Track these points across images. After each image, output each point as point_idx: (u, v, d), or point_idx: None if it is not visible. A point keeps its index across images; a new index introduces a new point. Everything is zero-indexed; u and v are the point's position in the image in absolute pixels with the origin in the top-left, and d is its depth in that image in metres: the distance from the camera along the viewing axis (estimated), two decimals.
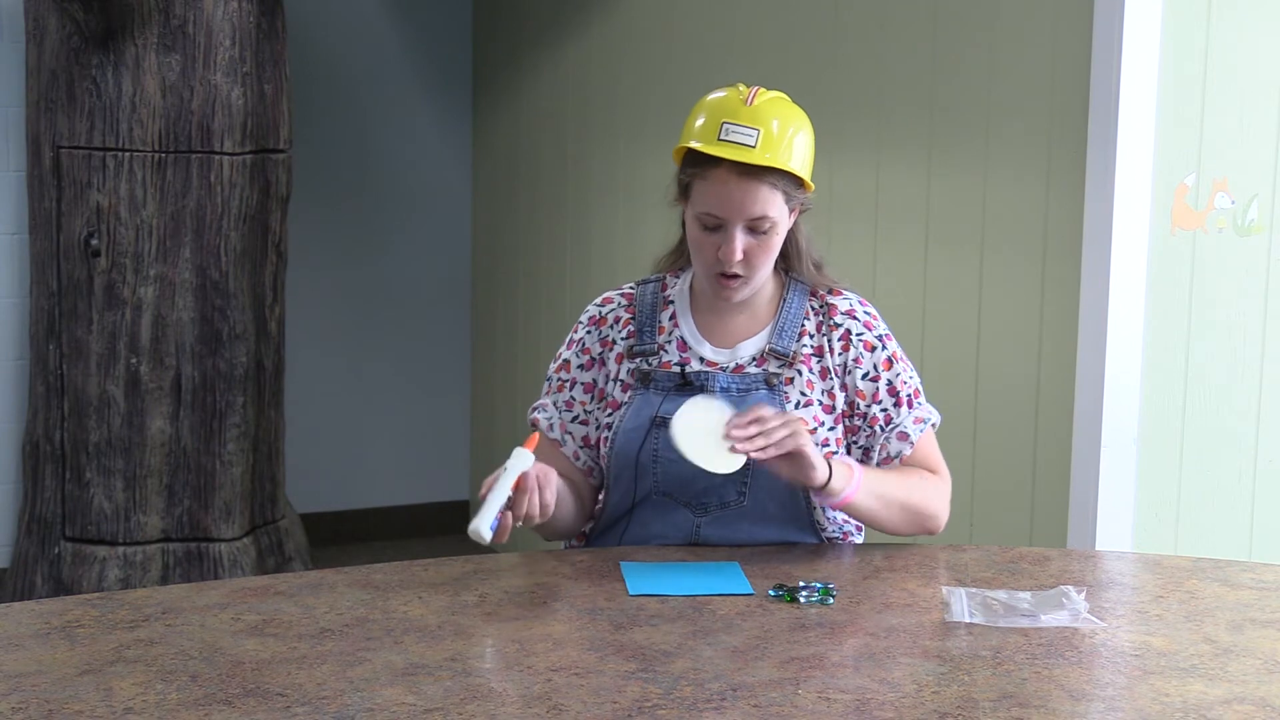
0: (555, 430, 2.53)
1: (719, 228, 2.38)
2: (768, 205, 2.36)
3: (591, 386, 2.53)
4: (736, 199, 2.35)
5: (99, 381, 4.40)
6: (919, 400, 2.50)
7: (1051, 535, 3.19)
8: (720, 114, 2.37)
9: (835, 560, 2.40)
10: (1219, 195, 3.11)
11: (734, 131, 2.34)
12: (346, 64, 5.61)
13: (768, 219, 2.37)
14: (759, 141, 2.34)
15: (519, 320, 5.50)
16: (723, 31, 4.24)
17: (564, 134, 5.15)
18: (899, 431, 2.47)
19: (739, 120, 2.35)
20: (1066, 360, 3.16)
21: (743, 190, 2.35)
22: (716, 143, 2.35)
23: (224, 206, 4.39)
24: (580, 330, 2.56)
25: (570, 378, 2.55)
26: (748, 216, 2.36)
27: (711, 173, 2.36)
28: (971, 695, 1.84)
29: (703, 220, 2.38)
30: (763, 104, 2.39)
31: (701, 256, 2.42)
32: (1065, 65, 3.14)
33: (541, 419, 2.54)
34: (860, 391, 2.47)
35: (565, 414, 2.53)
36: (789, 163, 2.37)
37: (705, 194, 2.37)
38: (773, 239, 2.40)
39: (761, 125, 2.35)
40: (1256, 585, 2.29)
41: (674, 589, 2.21)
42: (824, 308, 2.50)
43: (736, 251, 2.37)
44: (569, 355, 2.56)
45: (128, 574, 4.43)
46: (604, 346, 2.53)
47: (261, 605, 2.13)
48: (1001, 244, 3.32)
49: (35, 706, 1.76)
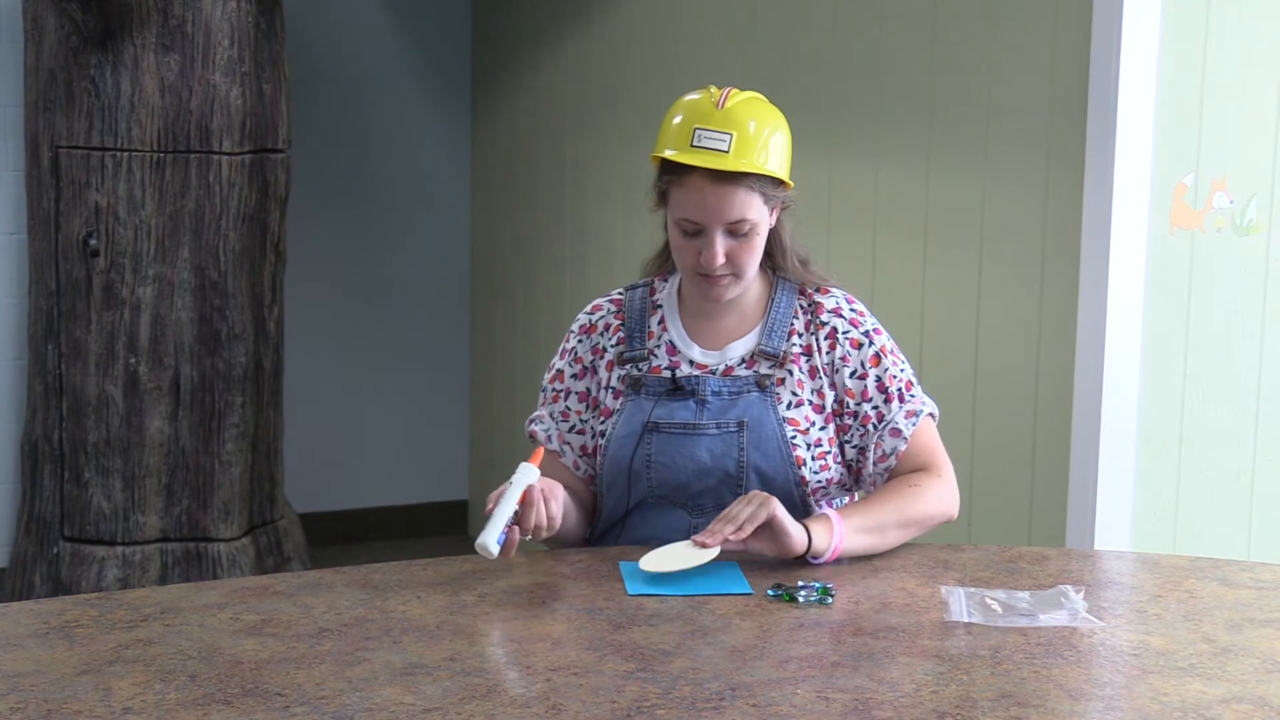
0: (553, 441, 2.53)
1: (699, 233, 2.37)
2: (745, 208, 2.35)
3: (586, 395, 2.53)
4: (713, 205, 2.34)
5: (98, 381, 4.40)
6: (910, 394, 2.47)
7: (1050, 535, 3.19)
8: (692, 119, 2.35)
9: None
10: (1217, 195, 3.11)
11: (706, 137, 2.32)
12: (346, 64, 5.61)
13: (746, 222, 2.36)
14: (732, 146, 2.32)
15: (518, 320, 5.50)
16: (722, 32, 4.24)
17: (563, 134, 5.15)
18: (891, 428, 2.45)
19: (711, 125, 2.33)
20: (1065, 360, 3.16)
21: (718, 196, 2.34)
22: (689, 150, 2.33)
23: (223, 206, 4.39)
24: (572, 339, 2.56)
25: (565, 388, 2.54)
26: (725, 221, 2.35)
27: (687, 180, 2.35)
28: (970, 695, 1.84)
29: (682, 226, 2.38)
30: (735, 106, 2.36)
31: (684, 261, 2.41)
32: (1064, 65, 3.14)
33: (539, 431, 2.54)
34: (849, 390, 2.46)
35: (562, 424, 2.53)
36: (765, 165, 2.35)
37: (682, 201, 2.36)
38: (754, 240, 2.39)
39: (735, 129, 2.33)
40: (1255, 585, 2.29)
41: (673, 589, 2.21)
42: (811, 306, 2.49)
43: (718, 256, 2.36)
44: (562, 365, 2.55)
45: (126, 574, 4.42)
46: (595, 354, 2.52)
47: (260, 605, 2.13)
48: (1000, 244, 3.32)
49: (34, 706, 1.76)
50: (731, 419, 2.42)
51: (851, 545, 2.34)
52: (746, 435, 2.41)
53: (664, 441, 2.43)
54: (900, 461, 2.46)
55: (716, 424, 2.42)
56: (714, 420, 2.42)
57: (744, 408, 2.42)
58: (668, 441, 2.43)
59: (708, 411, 2.43)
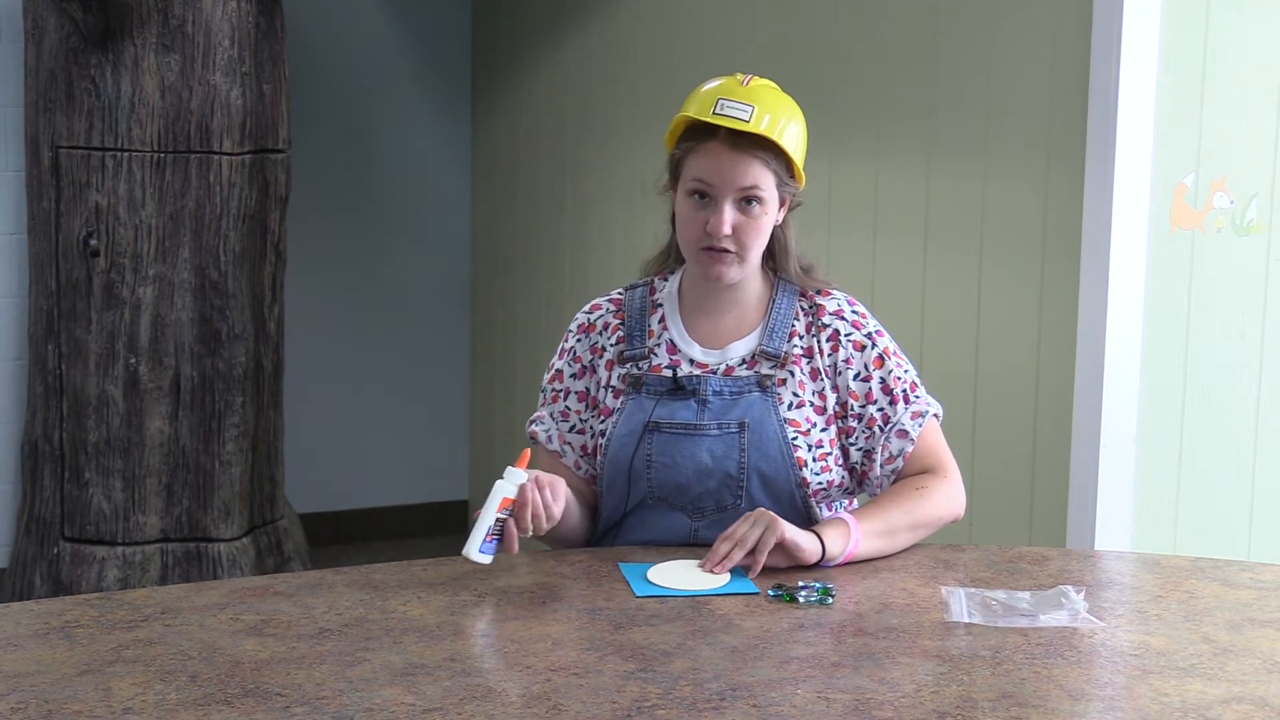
0: (554, 442, 2.53)
1: (709, 202, 2.38)
2: (759, 177, 2.37)
3: (585, 395, 2.52)
4: (728, 169, 2.36)
5: (98, 381, 4.40)
6: (915, 394, 2.48)
7: (1051, 535, 3.19)
8: (716, 92, 2.40)
9: None
10: (1218, 195, 3.11)
11: (729, 106, 2.37)
12: (346, 64, 5.61)
13: (758, 189, 2.37)
14: (753, 116, 2.36)
15: (518, 320, 5.50)
16: (722, 32, 4.24)
17: (563, 134, 5.15)
18: (898, 429, 2.46)
19: (735, 98, 2.38)
20: (1065, 360, 3.16)
21: (733, 161, 2.36)
22: (712, 115, 2.37)
23: (223, 206, 4.39)
24: (570, 339, 2.55)
25: (564, 388, 2.54)
26: (738, 186, 2.36)
27: (705, 144, 2.38)
28: (971, 695, 1.84)
29: (694, 189, 2.39)
30: (758, 87, 2.41)
31: (690, 232, 2.41)
32: (1064, 66, 3.14)
33: (540, 431, 2.54)
34: (853, 392, 2.46)
35: (562, 424, 2.53)
36: (782, 139, 2.38)
37: (697, 164, 2.38)
38: (762, 220, 2.40)
39: (757, 104, 2.38)
40: (1255, 585, 2.29)
41: (680, 591, 2.20)
42: (813, 308, 2.50)
43: (725, 224, 2.37)
44: (561, 365, 2.55)
45: (127, 574, 4.43)
46: (594, 354, 2.52)
47: (260, 605, 2.12)
48: (1000, 245, 3.32)
49: (34, 707, 1.76)
50: (733, 419, 2.42)
51: (865, 549, 2.35)
52: (748, 436, 2.41)
53: (665, 441, 2.43)
54: (907, 463, 2.47)
55: (718, 424, 2.42)
56: (715, 421, 2.42)
57: (745, 408, 2.42)
58: (668, 441, 2.43)
59: (709, 412, 2.43)
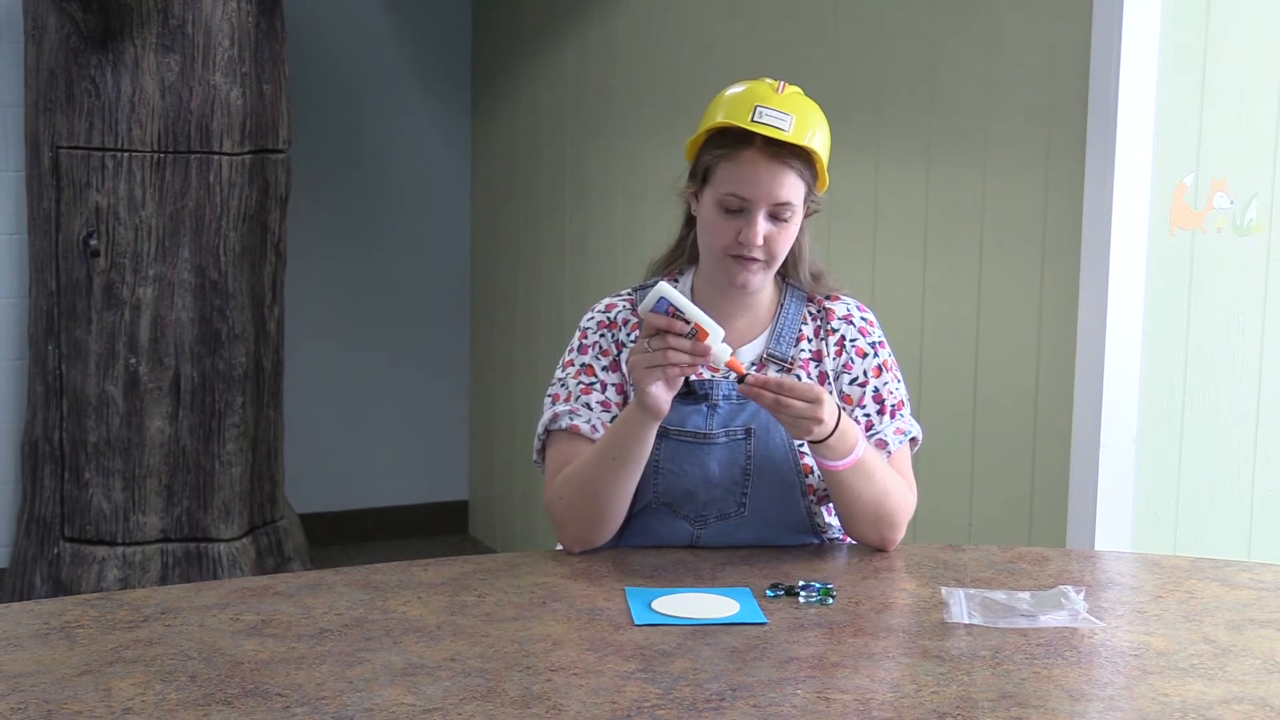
0: (599, 430, 2.43)
1: (740, 211, 2.37)
2: (793, 191, 2.36)
3: (621, 387, 2.47)
4: (765, 181, 2.34)
5: (98, 382, 4.40)
6: (902, 412, 2.48)
7: (1051, 535, 3.19)
8: (752, 98, 2.37)
9: (834, 560, 2.40)
10: (1218, 195, 3.11)
11: (768, 114, 2.34)
12: (346, 64, 5.61)
13: (790, 206, 2.37)
14: (793, 127, 2.34)
15: (518, 320, 5.50)
16: (721, 32, 4.24)
17: (563, 134, 5.15)
18: (878, 439, 2.45)
19: (772, 105, 2.35)
20: (1066, 360, 3.16)
21: (771, 173, 2.35)
22: (750, 123, 2.34)
23: (223, 206, 4.39)
24: (591, 335, 2.50)
25: (598, 380, 2.47)
26: (774, 200, 2.35)
27: (741, 153, 2.35)
28: (970, 695, 1.84)
29: (725, 203, 2.37)
30: (792, 95, 2.39)
31: (718, 240, 2.39)
32: (1064, 65, 3.14)
33: (582, 424, 2.43)
34: (847, 396, 2.46)
35: (603, 415, 2.44)
36: (819, 150, 2.38)
37: (732, 174, 2.36)
38: (790, 229, 2.40)
39: (794, 113, 2.36)
40: (1255, 585, 2.29)
41: (683, 620, 2.11)
42: (821, 312, 2.50)
43: (758, 235, 2.35)
44: (588, 360, 2.48)
45: (127, 574, 4.43)
46: (618, 349, 2.48)
47: (260, 605, 2.12)
48: (1000, 244, 3.32)
49: (34, 707, 1.76)
50: (739, 424, 2.41)
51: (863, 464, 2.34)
52: (754, 442, 2.41)
53: (673, 449, 2.41)
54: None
55: (725, 431, 2.41)
56: (723, 428, 2.41)
57: (753, 413, 2.41)
58: (677, 449, 2.41)
59: (718, 416, 2.42)
